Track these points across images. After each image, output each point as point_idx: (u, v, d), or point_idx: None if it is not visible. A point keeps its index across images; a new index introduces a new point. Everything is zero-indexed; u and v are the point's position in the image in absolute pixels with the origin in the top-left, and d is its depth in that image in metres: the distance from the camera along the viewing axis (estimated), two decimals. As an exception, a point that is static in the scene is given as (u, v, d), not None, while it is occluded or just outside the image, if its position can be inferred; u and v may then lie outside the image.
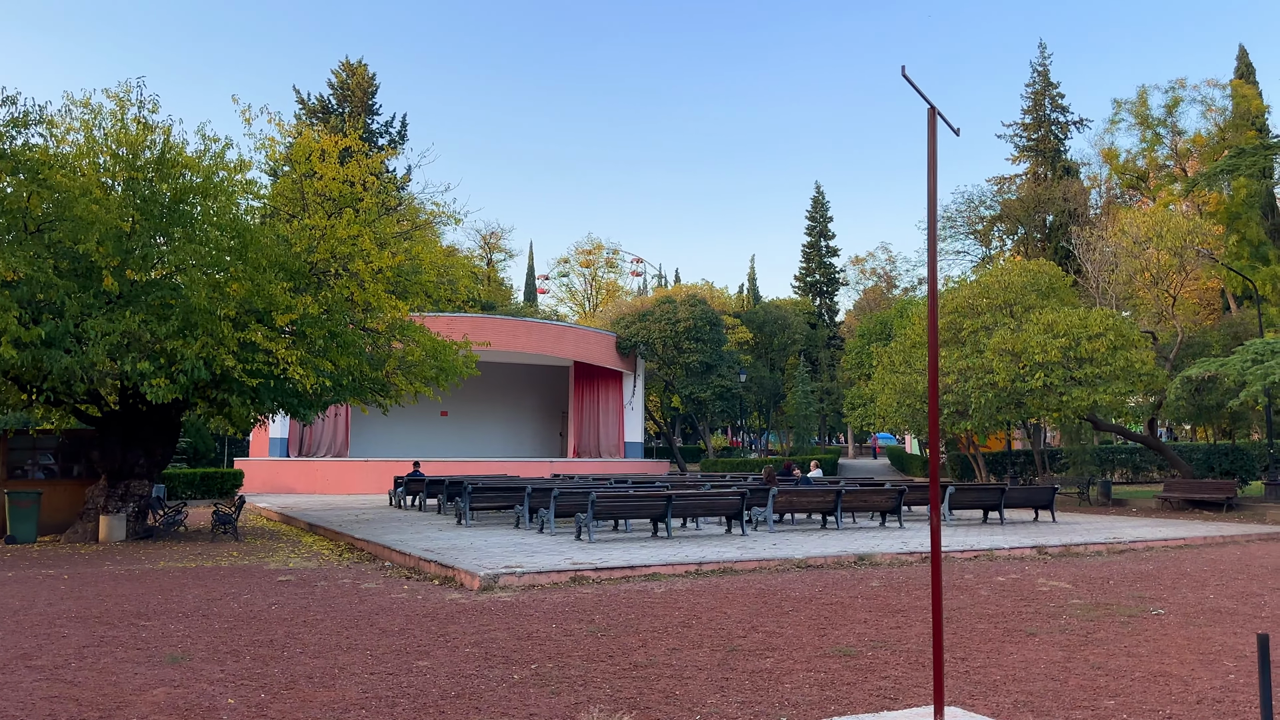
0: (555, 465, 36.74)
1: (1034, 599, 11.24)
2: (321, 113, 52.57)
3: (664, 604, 10.74)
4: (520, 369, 44.50)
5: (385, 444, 40.08)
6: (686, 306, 42.43)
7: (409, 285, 20.46)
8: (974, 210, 53.59)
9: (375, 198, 19.96)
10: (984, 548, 16.27)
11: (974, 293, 27.37)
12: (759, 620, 9.72)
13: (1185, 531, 19.31)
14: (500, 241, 66.48)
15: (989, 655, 8.13)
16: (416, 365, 20.55)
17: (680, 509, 17.49)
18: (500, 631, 9.14)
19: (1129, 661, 7.88)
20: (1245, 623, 9.69)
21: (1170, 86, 45.82)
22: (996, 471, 36.88)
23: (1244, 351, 21.05)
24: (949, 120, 5.16)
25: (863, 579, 13.03)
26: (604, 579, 12.72)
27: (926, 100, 4.96)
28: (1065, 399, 23.14)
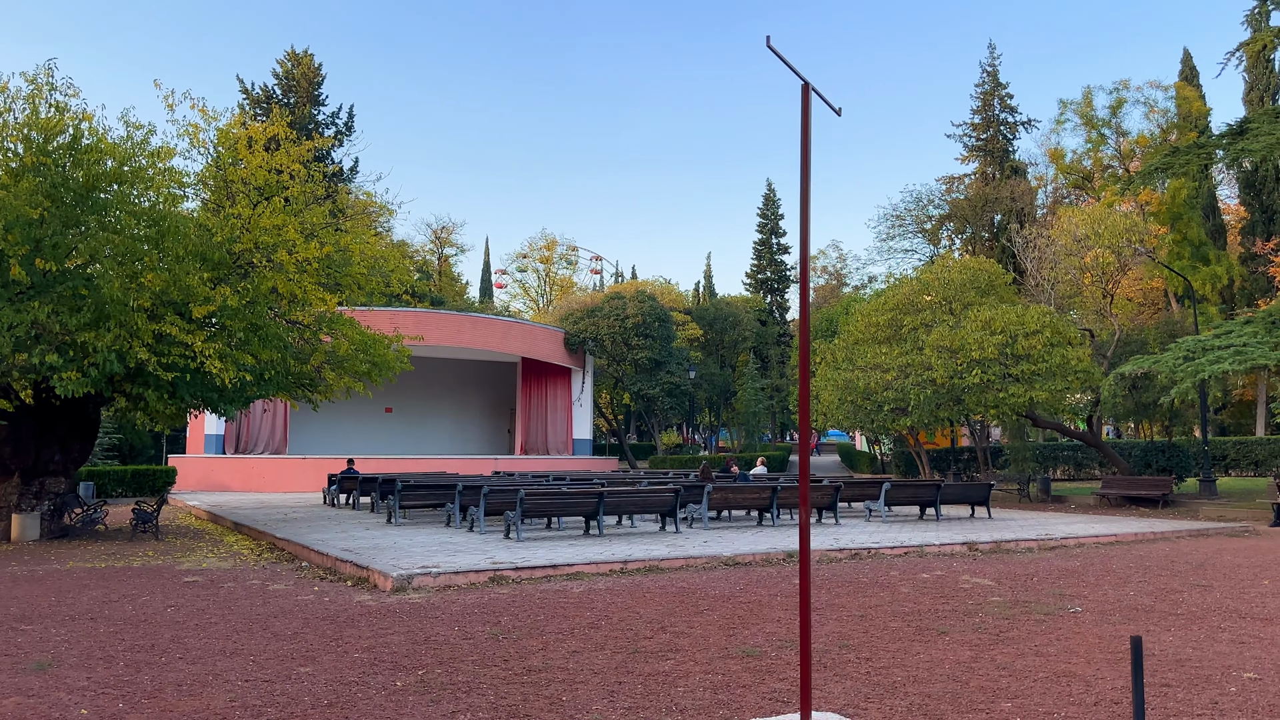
0: (500, 463, 36.27)
1: (954, 596, 11.10)
2: (265, 102, 51.54)
3: (578, 604, 10.44)
4: (467, 365, 43.96)
5: (326, 441, 39.35)
6: (635, 303, 42.15)
7: (340, 278, 19.93)
8: (923, 209, 53.93)
9: (304, 187, 19.40)
10: (915, 544, 16.17)
11: (915, 289, 27.38)
12: (671, 620, 9.46)
13: (1118, 528, 19.40)
14: (452, 236, 65.65)
15: (895, 655, 7.93)
16: (347, 360, 20.05)
17: (613, 506, 17.21)
18: (398, 635, 8.79)
19: (1036, 661, 7.72)
20: (1161, 620, 9.61)
21: (1115, 88, 46.42)
22: (941, 468, 37.05)
23: (1177, 349, 21.23)
24: (827, 99, 4.91)
25: (788, 577, 12.83)
26: (524, 579, 12.39)
27: (799, 76, 4.70)
28: (1002, 395, 23.20)
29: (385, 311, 35.47)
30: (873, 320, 27.52)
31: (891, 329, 27.03)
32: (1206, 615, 9.88)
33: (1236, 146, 20.35)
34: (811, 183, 4.76)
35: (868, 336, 27.42)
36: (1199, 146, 21.27)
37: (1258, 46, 21.67)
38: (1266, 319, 21.31)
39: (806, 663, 4.67)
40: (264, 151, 19.48)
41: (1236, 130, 21.50)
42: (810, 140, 4.76)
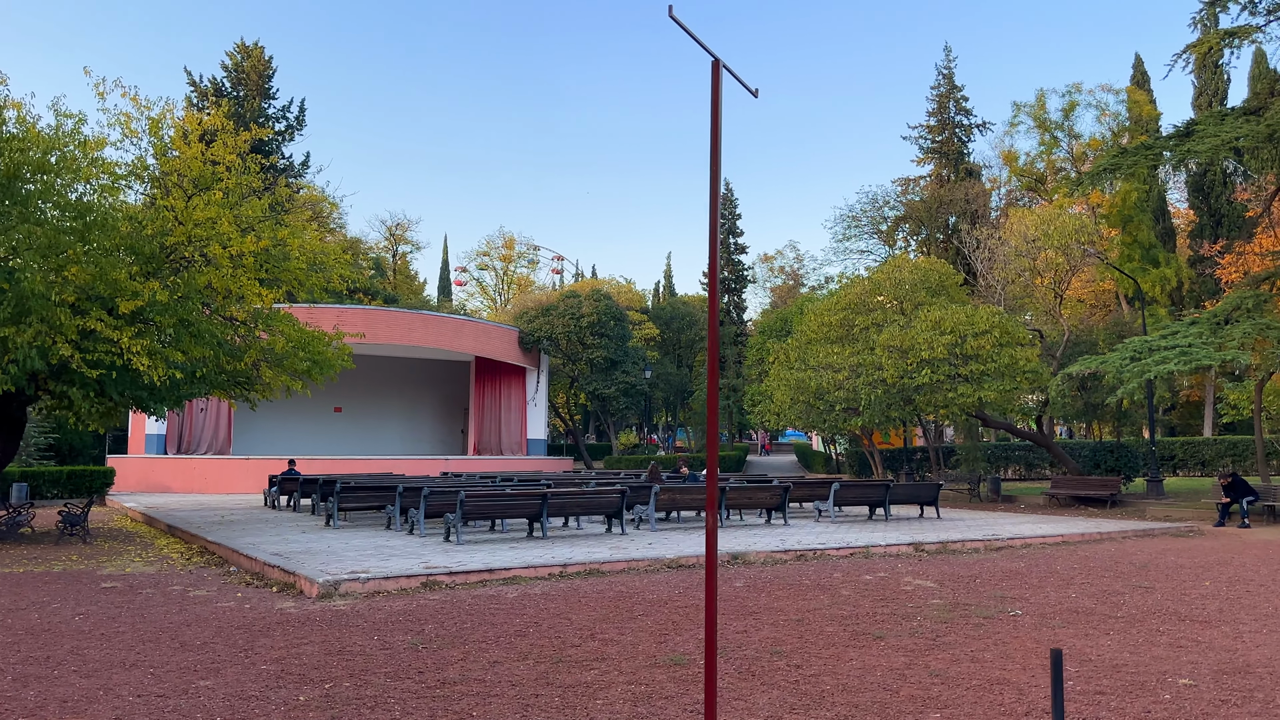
0: (451, 463, 35.72)
1: (895, 599, 10.89)
2: (214, 95, 50.46)
3: (509, 611, 10.09)
4: (419, 364, 43.34)
5: (272, 441, 38.55)
6: (591, 301, 41.78)
7: (278, 273, 19.37)
8: (878, 210, 54.12)
9: (240, 179, 18.83)
10: (861, 545, 16.00)
11: (866, 289, 27.31)
12: (602, 627, 9.14)
13: (1065, 528, 19.39)
14: (407, 233, 64.82)
15: (827, 662, 7.67)
16: (286, 358, 19.50)
17: (557, 508, 16.86)
18: (312, 645, 8.38)
19: (971, 668, 7.50)
20: (1100, 623, 9.46)
21: (1067, 90, 46.85)
22: (894, 468, 37.11)
23: (1123, 349, 21.31)
24: (742, 79, 4.62)
25: (730, 578, 12.57)
26: (458, 584, 12.01)
27: (709, 51, 4.41)
28: (952, 395, 23.16)
29: (333, 309, 34.81)
30: (825, 320, 27.42)
31: (844, 329, 26.94)
32: (1146, 618, 9.75)
33: (1182, 148, 20.48)
34: (722, 165, 4.46)
35: (820, 336, 27.31)
36: (1146, 148, 21.38)
37: (1204, 49, 21.83)
38: (1211, 320, 21.48)
39: (711, 682, 4.37)
40: (200, 143, 18.91)
41: (1183, 132, 21.64)
42: (720, 120, 4.47)
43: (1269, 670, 7.41)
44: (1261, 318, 21.04)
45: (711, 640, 4.32)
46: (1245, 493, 21.60)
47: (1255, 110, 21.98)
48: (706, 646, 4.32)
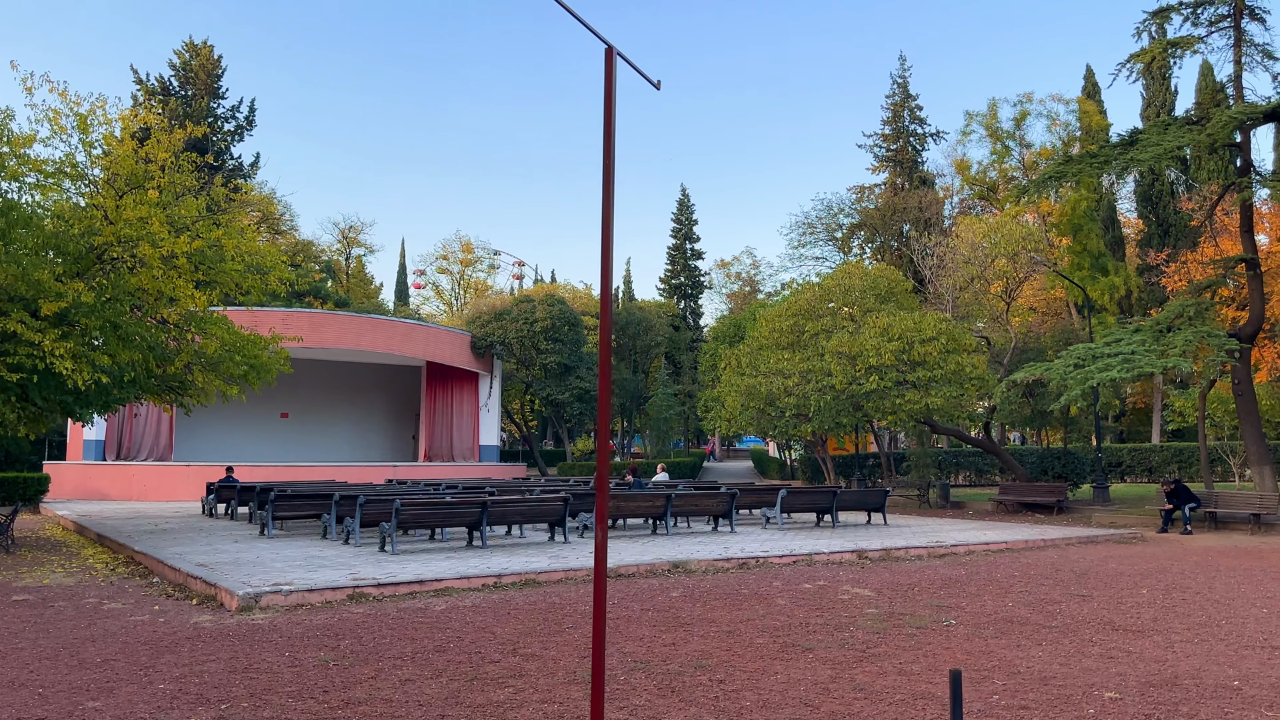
0: (400, 470, 35.16)
1: (831, 608, 10.71)
2: (162, 94, 49.45)
3: (434, 624, 9.76)
4: (369, 368, 42.67)
5: (216, 448, 37.70)
6: (544, 306, 41.40)
7: (214, 274, 18.83)
8: (833, 217, 54.31)
9: (175, 177, 18.28)
10: (805, 552, 15.84)
11: (816, 296, 27.27)
12: (526, 641, 8.85)
13: (1009, 535, 19.40)
14: (360, 236, 63.96)
15: (751, 676, 7.44)
16: (221, 361, 18.95)
17: (498, 516, 16.50)
18: (218, 662, 8.00)
19: (897, 681, 7.31)
20: (1034, 633, 9.33)
21: (1019, 100, 47.30)
22: (846, 474, 37.15)
23: (1068, 356, 21.41)
24: (640, 68, 4.38)
25: (668, 588, 12.33)
26: (386, 596, 11.64)
27: (602, 39, 4.17)
28: (899, 402, 23.13)
29: (278, 312, 34.17)
30: (776, 326, 27.34)
31: (794, 335, 26.86)
32: (1080, 627, 9.65)
33: (1126, 156, 20.64)
34: (614, 147, 4.22)
35: (771, 342, 27.21)
36: (1091, 156, 21.53)
37: (1147, 58, 22.08)
38: (1154, 327, 21.66)
39: (598, 702, 4.10)
40: (132, 140, 18.34)
41: (1128, 141, 21.83)
42: (614, 110, 4.24)
43: (1196, 682, 7.30)
44: (1203, 325, 21.28)
45: (599, 665, 4.06)
46: (1188, 499, 21.79)
47: (1198, 120, 22.25)
48: (594, 675, 4.06)
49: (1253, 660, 8.12)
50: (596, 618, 4.07)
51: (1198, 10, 22.02)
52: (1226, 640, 9.00)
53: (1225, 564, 15.51)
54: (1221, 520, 22.56)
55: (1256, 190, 22.55)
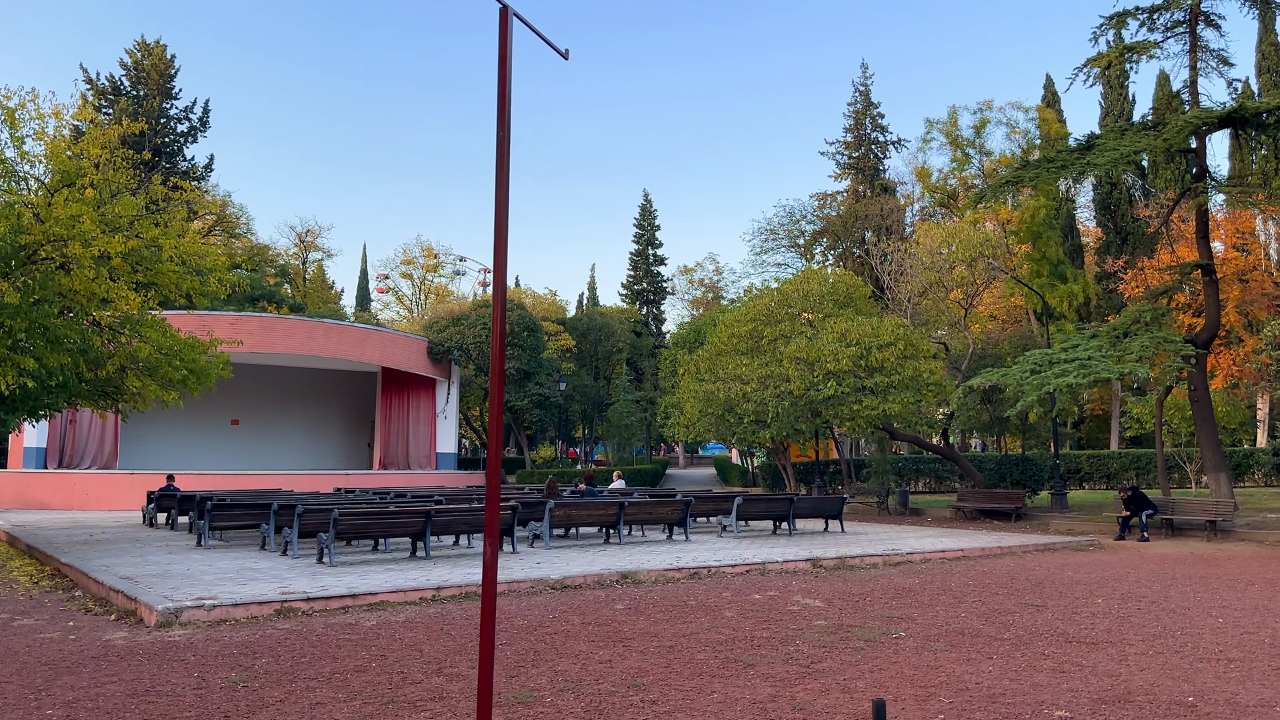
0: (352, 478, 34.39)
1: (779, 620, 10.32)
2: (112, 94, 48.33)
3: (360, 641, 9.25)
4: (323, 374, 41.82)
5: (164, 455, 36.72)
6: (503, 311, 40.78)
7: (152, 275, 18.15)
8: (795, 224, 54.23)
9: (110, 174, 17.62)
10: (758, 561, 15.47)
11: (775, 301, 26.98)
12: (454, 659, 8.37)
13: (966, 543, 19.16)
14: (318, 240, 62.98)
15: (687, 695, 7.03)
16: (159, 366, 18.27)
17: (442, 526, 15.97)
18: (119, 684, 7.46)
19: (839, 699, 6.93)
20: (985, 646, 9.00)
21: (979, 108, 47.50)
22: (807, 481, 36.90)
23: (1024, 362, 21.28)
24: (543, 35, 3.96)
25: (613, 600, 11.90)
26: (316, 610, 11.10)
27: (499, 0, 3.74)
28: (857, 408, 22.87)
29: (228, 316, 33.40)
30: (735, 331, 27.02)
31: (753, 340, 26.55)
32: (1033, 639, 9.33)
33: (1083, 161, 20.56)
34: (509, 112, 3.79)
35: (730, 348, 26.89)
36: (1049, 161, 21.45)
37: (1103, 63, 22.04)
38: (1111, 333, 21.59)
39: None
40: (65, 137, 17.67)
41: (1084, 146, 21.77)
42: (509, 74, 3.82)
43: (1149, 698, 6.98)
44: (1159, 331, 21.23)
45: (485, 698, 3.63)
46: (1144, 506, 21.70)
47: (1155, 126, 22.25)
48: (480, 698, 3.63)
49: (1208, 674, 7.83)
50: (483, 647, 3.65)
51: (1154, 16, 22.04)
52: (1181, 652, 8.72)
53: (1181, 572, 15.34)
54: (1178, 527, 22.51)
55: (1212, 196, 22.58)
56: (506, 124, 3.79)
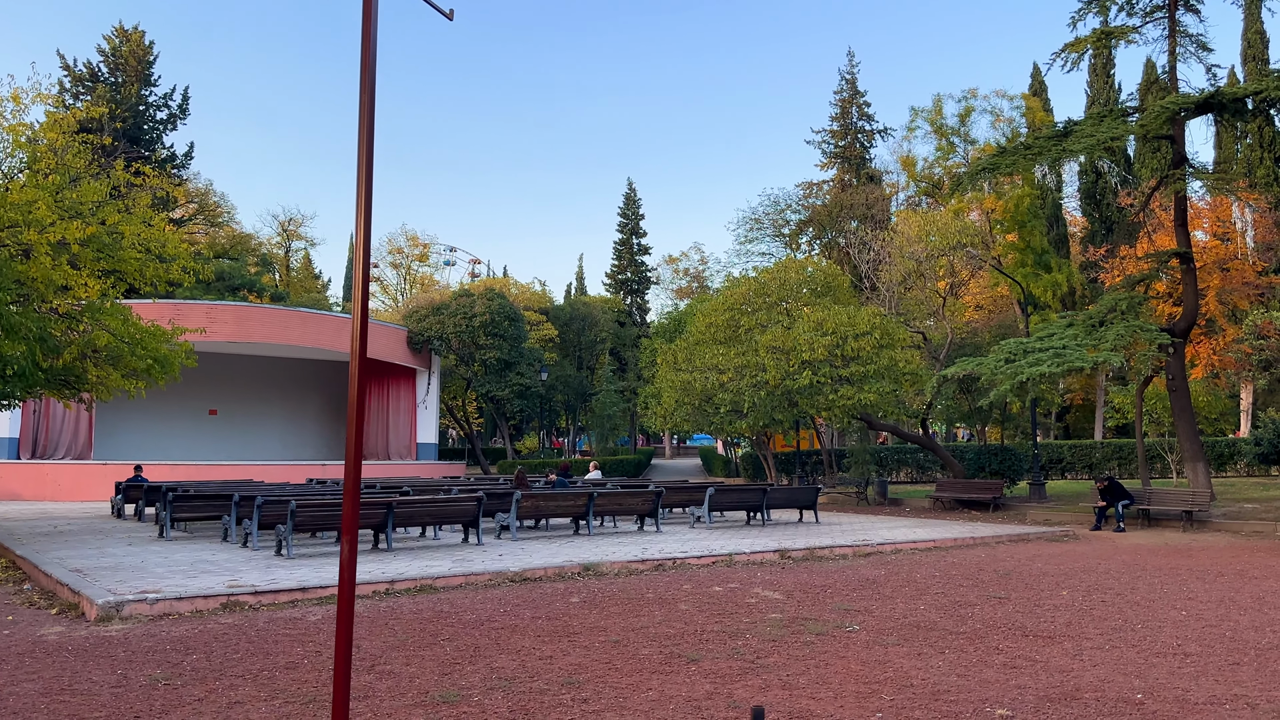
0: (329, 469, 34.10)
1: (734, 614, 10.11)
2: (90, 80, 47.77)
3: (300, 636, 9.01)
4: (302, 364, 41.43)
5: (139, 446, 36.34)
6: (484, 300, 40.50)
7: (113, 263, 17.82)
8: (780, 213, 53.93)
9: (68, 158, 17.27)
10: (726, 552, 15.27)
11: (752, 289, 26.73)
12: (391, 655, 8.12)
13: (940, 533, 18.99)
14: (301, 229, 62.46)
15: (621, 693, 6.80)
16: (121, 355, 17.93)
17: (405, 517, 15.73)
18: (36, 683, 7.19)
19: (779, 696, 6.71)
20: (939, 640, 8.79)
21: (963, 96, 47.04)
22: (788, 471, 36.75)
23: (999, 351, 21.08)
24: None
25: (571, 593, 11.67)
26: (263, 604, 10.85)
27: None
28: (833, 397, 22.65)
29: (203, 305, 33.08)
30: (713, 320, 26.76)
31: (730, 329, 26.30)
32: (989, 633, 9.13)
33: (1059, 147, 20.35)
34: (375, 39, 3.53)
35: (708, 337, 26.63)
36: (1026, 147, 21.22)
37: (1081, 48, 21.80)
38: (1088, 321, 21.40)
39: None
40: (24, 122, 17.31)
41: (1062, 132, 21.54)
42: (374, 25, 3.54)
43: (1097, 695, 6.78)
44: (1136, 320, 21.04)
45: (341, 693, 3.38)
46: (1121, 496, 21.56)
47: (1134, 112, 22.03)
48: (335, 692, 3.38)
49: (1161, 669, 7.63)
50: (339, 650, 3.39)
51: (1133, 0, 21.80)
52: (1139, 646, 8.52)
53: (1152, 563, 15.18)
54: (1155, 517, 22.38)
55: (1190, 183, 22.38)
56: (371, 77, 3.53)
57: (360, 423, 3.55)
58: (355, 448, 3.49)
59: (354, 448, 3.50)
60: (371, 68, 3.29)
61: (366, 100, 3.48)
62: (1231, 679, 7.31)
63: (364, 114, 3.44)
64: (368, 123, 3.30)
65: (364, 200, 3.30)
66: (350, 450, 3.52)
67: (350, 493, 3.50)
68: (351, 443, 3.51)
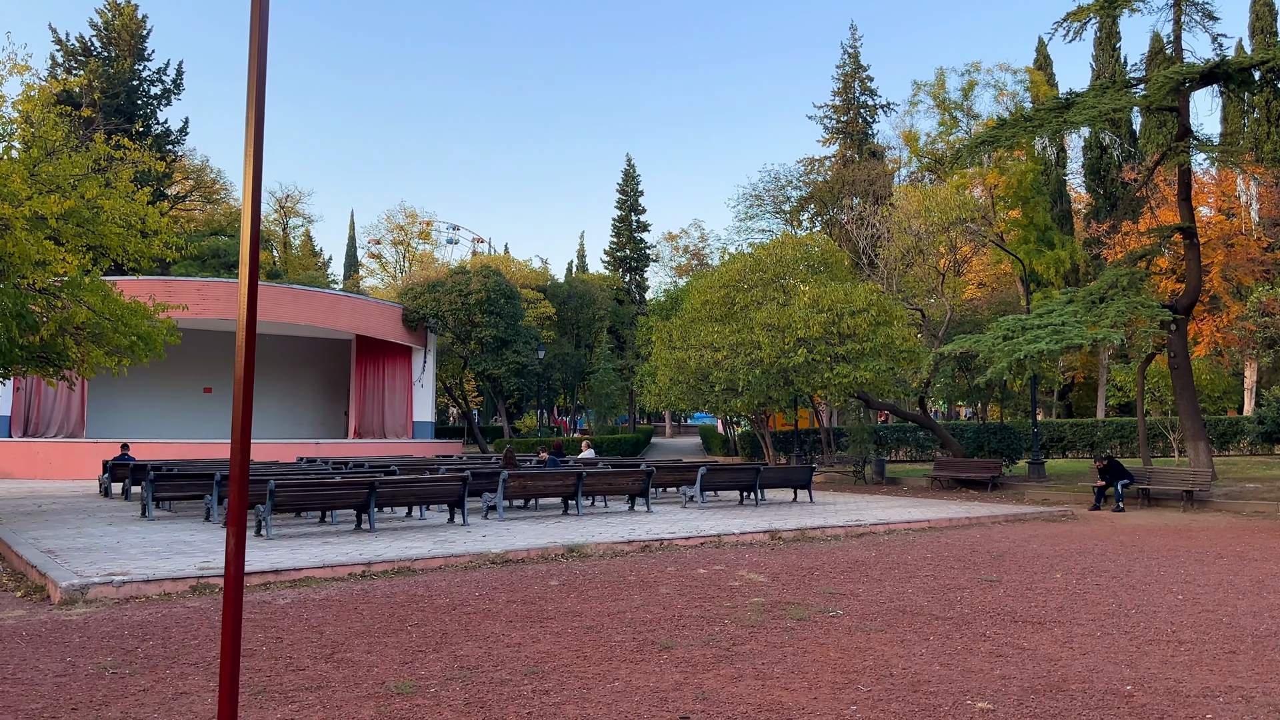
0: (323, 447, 33.85)
1: (715, 597, 9.81)
2: (82, 55, 47.24)
3: (265, 621, 8.73)
4: (298, 342, 41.12)
5: (134, 424, 36.11)
6: (479, 278, 40.09)
7: (92, 238, 17.48)
8: (781, 190, 53.36)
9: (43, 130, 16.90)
10: (715, 533, 14.98)
11: (748, 266, 26.30)
12: (354, 642, 7.83)
13: (934, 513, 18.69)
14: (299, 206, 62.00)
15: (585, 683, 6.49)
16: (103, 332, 17.62)
17: (388, 497, 15.43)
18: (-24, 671, 6.90)
19: (750, 687, 6.40)
20: (925, 626, 8.49)
21: (966, 70, 46.36)
22: (786, 450, 36.43)
23: (997, 328, 20.69)
24: None
25: (551, 575, 11.38)
26: (234, 585, 10.53)
27: None
28: (829, 376, 22.29)
29: (194, 281, 32.77)
30: (708, 298, 26.36)
31: (725, 306, 25.90)
32: (977, 618, 8.82)
33: (1060, 119, 19.86)
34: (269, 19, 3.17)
35: (703, 314, 26.24)
36: (1026, 119, 20.74)
37: (1084, 16, 21.25)
38: (1088, 297, 20.99)
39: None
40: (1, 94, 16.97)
41: (1064, 104, 21.05)
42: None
43: (1084, 686, 6.46)
44: (1136, 296, 20.62)
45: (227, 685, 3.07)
46: (1120, 476, 21.24)
47: (1137, 83, 21.52)
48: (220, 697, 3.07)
49: (1154, 658, 7.32)
50: (225, 646, 3.08)
51: (1138, -33, 21.23)
52: (1131, 633, 8.21)
53: (1151, 544, 14.87)
54: (1154, 497, 22.06)
55: (1194, 155, 21.91)
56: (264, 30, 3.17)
57: (249, 398, 3.21)
58: (243, 425, 3.16)
59: (241, 425, 3.16)
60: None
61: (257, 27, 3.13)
62: (1227, 669, 7.00)
63: (254, 39, 3.08)
64: (258, 46, 2.92)
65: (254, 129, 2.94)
66: (236, 429, 3.18)
67: (237, 479, 3.16)
68: (238, 420, 3.17)
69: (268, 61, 3.17)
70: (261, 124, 3.05)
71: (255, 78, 3.10)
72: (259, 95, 3.08)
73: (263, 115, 3.05)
